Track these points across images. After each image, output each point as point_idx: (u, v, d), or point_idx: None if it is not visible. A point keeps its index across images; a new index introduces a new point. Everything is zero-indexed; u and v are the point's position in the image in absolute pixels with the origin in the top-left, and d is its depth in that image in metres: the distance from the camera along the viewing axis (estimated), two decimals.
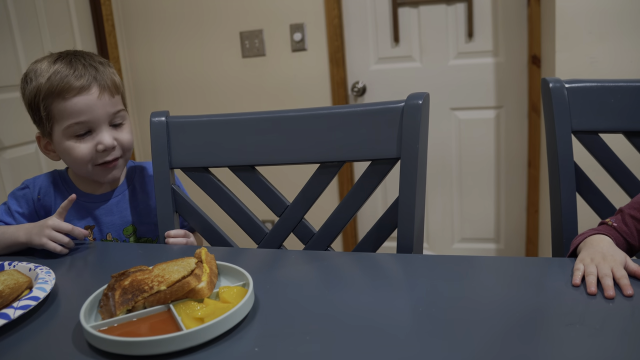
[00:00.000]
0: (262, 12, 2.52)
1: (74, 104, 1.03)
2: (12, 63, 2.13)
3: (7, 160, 2.09)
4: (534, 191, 2.40)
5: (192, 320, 0.68)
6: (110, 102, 1.07)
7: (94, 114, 1.05)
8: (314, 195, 1.07)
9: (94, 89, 1.04)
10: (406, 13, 2.40)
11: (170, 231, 1.10)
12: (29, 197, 1.14)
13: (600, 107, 1.07)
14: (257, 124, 1.09)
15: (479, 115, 2.43)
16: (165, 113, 1.13)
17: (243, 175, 1.11)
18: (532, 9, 2.19)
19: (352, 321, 0.68)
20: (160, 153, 1.12)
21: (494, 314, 0.68)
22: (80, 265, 0.98)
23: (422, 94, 0.98)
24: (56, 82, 1.02)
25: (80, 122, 1.04)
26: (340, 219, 1.06)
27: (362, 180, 1.04)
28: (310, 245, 1.09)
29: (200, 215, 1.13)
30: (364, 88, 2.51)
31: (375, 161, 1.03)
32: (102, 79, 1.06)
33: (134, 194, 1.19)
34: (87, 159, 1.07)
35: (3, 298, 0.77)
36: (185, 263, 0.78)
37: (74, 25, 2.46)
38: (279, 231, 1.10)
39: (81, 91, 1.03)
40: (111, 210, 1.16)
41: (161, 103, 2.76)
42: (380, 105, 1.01)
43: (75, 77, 1.03)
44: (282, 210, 1.10)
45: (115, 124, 1.09)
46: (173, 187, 1.13)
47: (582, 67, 1.93)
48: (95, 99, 1.04)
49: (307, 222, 1.09)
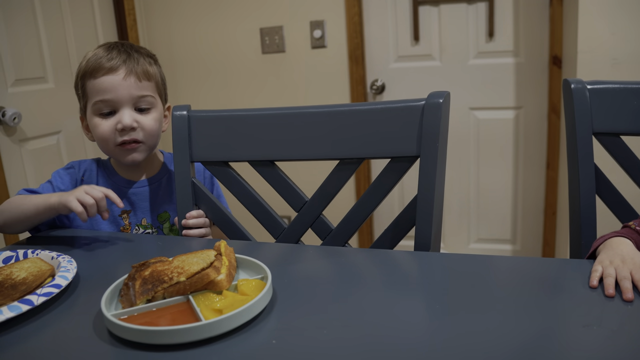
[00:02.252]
0: (283, 8, 2.53)
1: (100, 82, 1.10)
2: (35, 55, 2.16)
3: (30, 151, 2.12)
4: (552, 193, 2.38)
5: (210, 312, 0.69)
6: (135, 85, 1.12)
7: (117, 94, 1.11)
8: (333, 191, 1.08)
9: (121, 70, 1.11)
10: (426, 11, 2.39)
11: (192, 212, 1.13)
12: (73, 176, 1.18)
13: (621, 109, 1.06)
14: (277, 119, 1.10)
15: (498, 115, 2.42)
16: (187, 107, 1.15)
17: (262, 170, 1.12)
18: (554, 8, 2.17)
19: (368, 317, 0.69)
20: (182, 146, 1.14)
21: (510, 314, 0.68)
22: (100, 255, 0.99)
23: (442, 92, 0.99)
24: (91, 62, 1.11)
25: (104, 99, 1.11)
26: (359, 216, 1.07)
27: (381, 178, 1.05)
28: (327, 241, 1.10)
29: (219, 208, 1.14)
30: (383, 86, 2.51)
31: (394, 159, 1.03)
32: (132, 64, 1.12)
33: (169, 182, 1.24)
34: (107, 136, 1.13)
35: (27, 285, 0.79)
36: (204, 255, 0.79)
37: (96, 15, 2.49)
38: (297, 226, 1.11)
39: (109, 71, 1.10)
40: (147, 197, 1.20)
41: (181, 96, 2.78)
42: (401, 103, 1.02)
43: (107, 59, 1.11)
44: (301, 206, 1.10)
45: (141, 107, 1.14)
46: (193, 180, 1.14)
47: (604, 69, 1.91)
48: (120, 79, 1.11)
49: (325, 218, 1.10)
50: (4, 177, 1.99)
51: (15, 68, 2.06)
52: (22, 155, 2.10)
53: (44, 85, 2.19)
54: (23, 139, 2.09)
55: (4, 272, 0.83)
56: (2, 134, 2.01)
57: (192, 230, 1.12)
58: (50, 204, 1.01)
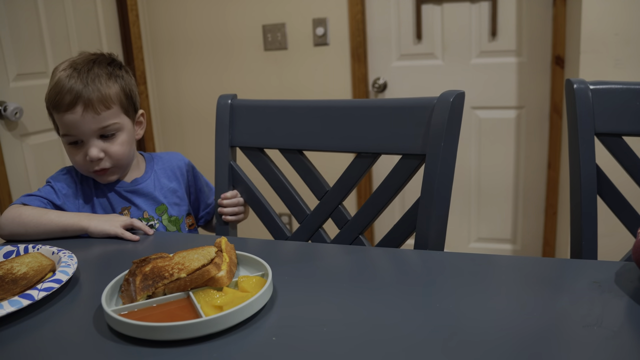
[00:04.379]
0: (285, 5, 2.52)
1: (63, 119, 1.11)
2: (37, 50, 2.16)
3: (31, 146, 2.12)
4: (553, 193, 2.38)
5: (211, 308, 0.69)
6: (94, 119, 1.11)
7: (79, 130, 1.11)
8: (350, 183, 1.12)
9: (78, 107, 1.09)
10: (430, 10, 2.39)
11: (227, 192, 1.21)
12: (70, 180, 1.19)
13: (624, 110, 1.05)
14: (306, 110, 1.15)
15: (500, 114, 2.42)
16: (232, 96, 1.22)
17: (291, 157, 1.18)
18: (557, 9, 2.17)
19: (368, 315, 0.69)
20: (223, 132, 1.22)
21: (510, 314, 0.68)
22: (101, 251, 1.00)
23: (454, 92, 0.98)
24: (53, 95, 1.10)
25: (70, 134, 1.12)
26: (372, 209, 1.10)
27: (393, 174, 1.07)
28: (344, 230, 1.14)
29: (252, 190, 1.22)
30: (385, 84, 2.51)
31: (405, 155, 1.05)
32: (88, 94, 1.09)
33: (157, 178, 1.26)
34: (80, 164, 1.15)
35: (27, 280, 0.79)
36: (205, 252, 0.79)
37: (98, 9, 2.49)
38: (318, 214, 1.16)
39: (67, 109, 1.09)
40: (142, 193, 1.23)
41: (183, 94, 2.78)
42: (414, 101, 1.03)
43: (66, 93, 1.09)
44: (323, 195, 1.15)
45: (106, 135, 1.14)
46: (231, 164, 1.23)
47: (606, 69, 1.91)
48: (79, 117, 1.10)
49: (344, 208, 1.14)
50: (5, 171, 1.99)
51: (16, 62, 2.06)
52: (24, 150, 2.10)
53: (45, 80, 2.18)
54: (24, 133, 2.09)
55: (5, 267, 0.83)
56: (4, 129, 2.01)
57: (226, 209, 1.21)
58: (82, 227, 1.06)
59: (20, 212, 1.08)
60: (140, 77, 2.71)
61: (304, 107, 1.15)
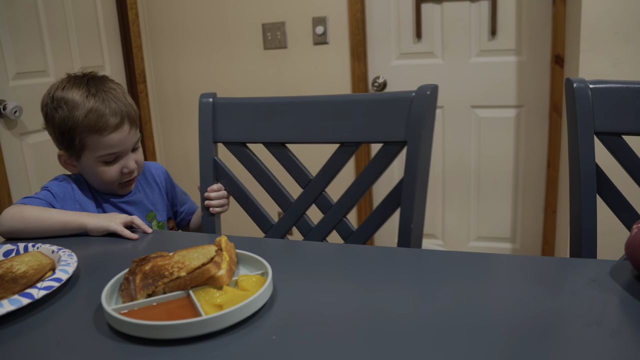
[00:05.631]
0: (285, 4, 2.52)
1: (109, 140, 1.14)
2: (37, 49, 2.16)
3: (30, 144, 2.12)
4: (553, 192, 2.38)
5: (211, 307, 0.69)
6: (135, 134, 1.20)
7: (125, 146, 1.18)
8: (334, 171, 1.19)
9: (126, 125, 1.16)
10: (429, 9, 2.39)
11: (212, 186, 1.27)
12: (67, 187, 1.20)
13: (624, 109, 1.05)
14: (288, 107, 1.21)
15: (499, 113, 2.42)
16: (212, 95, 1.28)
17: (274, 150, 1.23)
18: (557, 8, 2.17)
19: (369, 314, 0.69)
20: (206, 128, 1.28)
21: (509, 313, 0.68)
22: (101, 249, 1.00)
23: (430, 85, 1.08)
24: (94, 120, 1.12)
25: (113, 152, 1.16)
26: (355, 193, 1.18)
27: (375, 160, 1.15)
28: (328, 215, 1.20)
29: (236, 182, 1.27)
30: (385, 83, 2.51)
31: (386, 143, 1.13)
32: (130, 112, 1.17)
33: (142, 187, 1.32)
34: (114, 179, 1.19)
35: (27, 278, 0.79)
36: (205, 250, 0.79)
37: (97, 4, 2.48)
38: (302, 201, 1.22)
39: (116, 128, 1.14)
40: (131, 202, 1.27)
41: (183, 93, 2.78)
42: (394, 95, 1.11)
43: (111, 115, 1.13)
44: (306, 183, 1.21)
45: (135, 148, 1.22)
46: (215, 158, 1.28)
47: (606, 68, 1.91)
48: (126, 134, 1.17)
49: (327, 194, 1.21)
50: (5, 170, 1.99)
51: (16, 61, 2.06)
52: (23, 149, 2.10)
53: (45, 78, 2.18)
54: (24, 132, 2.09)
55: (5, 266, 0.83)
56: (3, 128, 2.01)
57: (213, 202, 1.27)
58: (81, 223, 1.07)
59: (21, 209, 1.08)
60: (140, 76, 2.71)
61: (285, 104, 1.21)
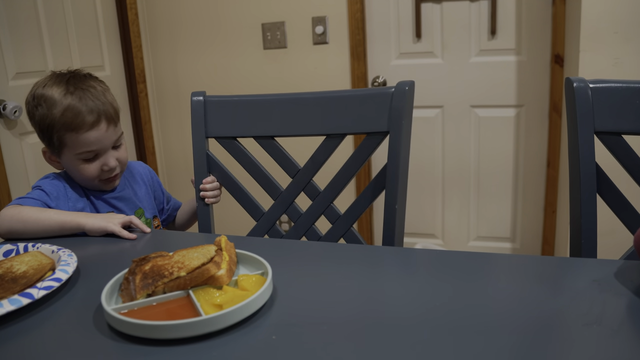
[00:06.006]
0: (285, 4, 2.52)
1: (86, 138, 1.13)
2: (36, 49, 2.16)
3: (30, 144, 2.12)
4: (552, 191, 2.38)
5: (211, 307, 0.69)
6: (114, 132, 1.18)
7: (102, 144, 1.16)
8: (321, 161, 1.25)
9: (103, 123, 1.14)
10: (429, 9, 2.39)
11: (207, 178, 1.31)
12: (60, 185, 1.20)
13: (624, 108, 1.05)
14: (277, 103, 1.27)
15: (499, 113, 2.42)
16: (203, 93, 1.33)
17: (264, 143, 1.29)
18: (557, 7, 2.17)
19: (369, 313, 0.69)
20: (199, 125, 1.32)
21: (509, 313, 0.68)
22: (101, 249, 1.00)
23: (408, 82, 1.16)
24: (70, 118, 1.11)
25: (90, 150, 1.16)
26: (343, 179, 1.24)
27: (359, 149, 1.22)
28: (317, 201, 1.26)
29: (228, 175, 1.33)
30: (384, 83, 2.51)
31: (370, 134, 1.20)
32: (108, 110, 1.16)
33: (129, 184, 1.32)
34: (94, 176, 1.19)
35: (27, 278, 0.79)
36: (205, 250, 0.79)
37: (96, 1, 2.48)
38: (292, 190, 1.29)
39: (92, 127, 1.13)
40: (124, 199, 1.27)
41: (182, 93, 2.78)
42: (375, 90, 1.19)
43: (87, 113, 1.12)
44: (295, 173, 1.27)
45: (116, 146, 1.21)
46: (207, 153, 1.33)
47: (606, 68, 1.90)
48: (104, 132, 1.15)
49: (315, 183, 1.27)
50: (5, 170, 1.99)
51: (15, 61, 2.06)
52: (23, 149, 2.10)
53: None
54: (23, 132, 2.09)
55: (5, 266, 0.83)
56: (3, 128, 2.01)
57: (208, 193, 1.31)
58: (79, 224, 1.06)
59: (19, 209, 1.08)
60: (139, 76, 2.71)
61: (274, 101, 1.27)
